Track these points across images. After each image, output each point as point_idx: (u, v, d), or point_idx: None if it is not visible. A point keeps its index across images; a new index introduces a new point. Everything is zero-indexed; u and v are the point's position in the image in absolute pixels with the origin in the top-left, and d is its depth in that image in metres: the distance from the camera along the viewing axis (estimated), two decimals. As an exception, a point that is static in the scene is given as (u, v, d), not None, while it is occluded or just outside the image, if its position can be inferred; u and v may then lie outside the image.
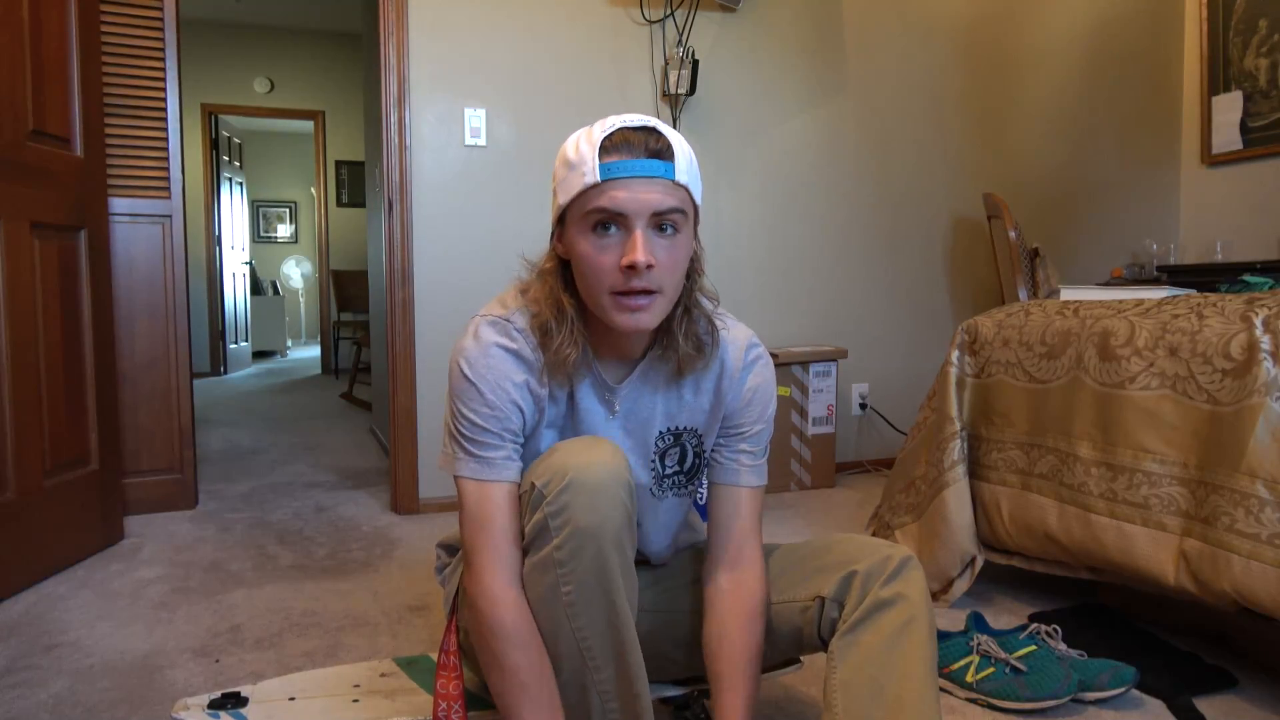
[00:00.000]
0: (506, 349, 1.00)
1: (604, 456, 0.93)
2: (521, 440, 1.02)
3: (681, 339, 1.02)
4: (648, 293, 0.93)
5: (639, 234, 0.91)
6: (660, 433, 1.10)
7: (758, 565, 1.08)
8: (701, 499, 1.23)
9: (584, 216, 0.94)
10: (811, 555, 1.10)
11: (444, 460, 1.03)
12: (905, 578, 0.98)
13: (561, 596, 0.92)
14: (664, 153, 0.93)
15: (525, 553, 0.96)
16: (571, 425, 1.07)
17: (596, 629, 0.93)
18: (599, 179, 0.92)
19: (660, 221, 0.93)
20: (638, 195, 0.91)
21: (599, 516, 0.90)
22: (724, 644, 1.04)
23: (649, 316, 0.94)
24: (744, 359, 1.09)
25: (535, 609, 0.96)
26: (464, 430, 0.99)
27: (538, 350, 1.00)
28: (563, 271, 1.01)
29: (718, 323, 1.07)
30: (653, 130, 0.95)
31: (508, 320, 1.01)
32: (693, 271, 1.01)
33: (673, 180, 0.93)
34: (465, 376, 0.99)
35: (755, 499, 1.11)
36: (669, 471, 1.12)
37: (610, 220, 0.92)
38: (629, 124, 0.94)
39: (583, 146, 0.94)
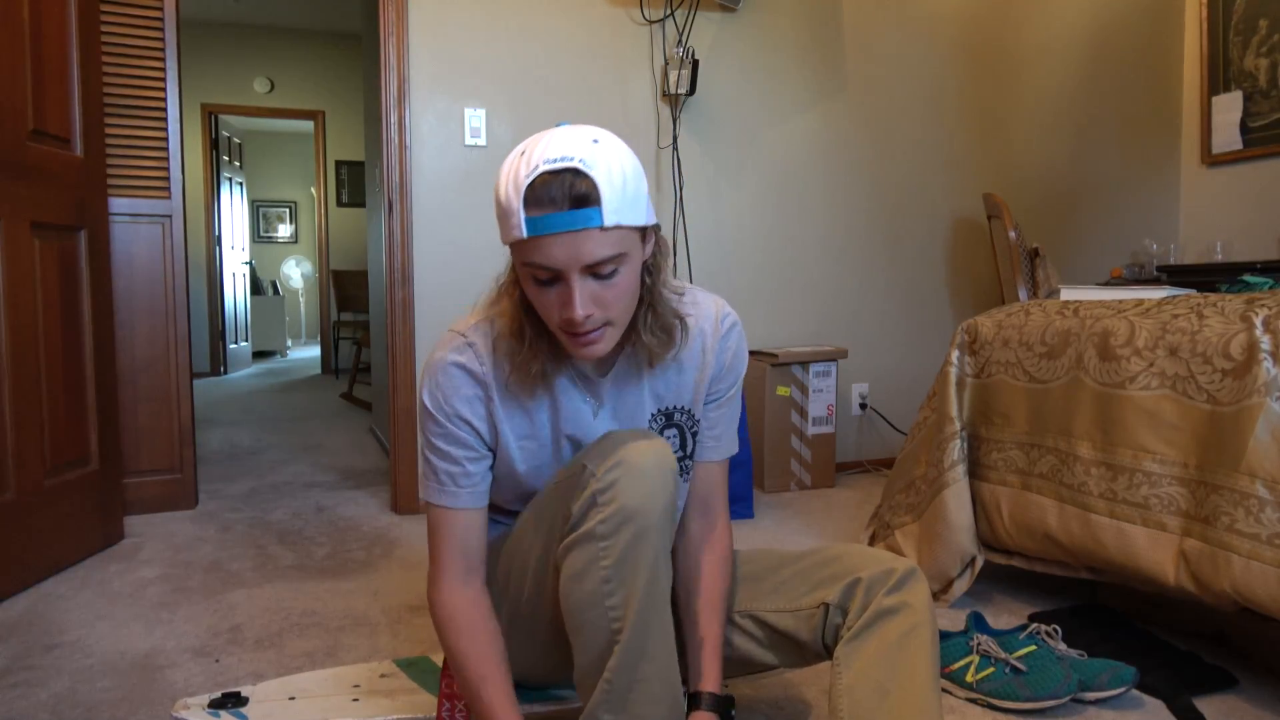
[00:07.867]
0: (459, 365, 1.03)
1: (656, 445, 0.96)
2: (482, 454, 1.07)
3: (648, 335, 1.03)
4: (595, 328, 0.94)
5: (575, 288, 0.90)
6: (650, 415, 1.11)
7: (724, 514, 1.18)
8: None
9: (523, 265, 0.93)
10: (816, 566, 1.11)
11: (420, 486, 1.08)
12: (909, 588, 1.01)
13: (598, 571, 0.93)
14: (589, 198, 0.87)
15: (570, 531, 0.96)
16: (553, 432, 1.08)
17: (630, 608, 0.93)
18: (524, 235, 0.88)
19: (595, 271, 0.91)
20: (567, 252, 0.88)
21: (645, 497, 0.92)
22: (700, 582, 1.11)
23: (602, 346, 0.96)
24: (720, 330, 1.13)
25: (569, 585, 0.96)
26: (427, 453, 1.06)
27: (495, 365, 1.04)
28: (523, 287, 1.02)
29: (687, 302, 1.10)
30: (575, 171, 0.87)
31: (464, 335, 1.05)
32: (653, 269, 1.01)
33: (601, 227, 0.88)
34: (422, 399, 1.06)
35: (725, 465, 1.19)
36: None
37: (545, 275, 0.91)
38: (550, 165, 0.87)
39: (509, 192, 0.89)
